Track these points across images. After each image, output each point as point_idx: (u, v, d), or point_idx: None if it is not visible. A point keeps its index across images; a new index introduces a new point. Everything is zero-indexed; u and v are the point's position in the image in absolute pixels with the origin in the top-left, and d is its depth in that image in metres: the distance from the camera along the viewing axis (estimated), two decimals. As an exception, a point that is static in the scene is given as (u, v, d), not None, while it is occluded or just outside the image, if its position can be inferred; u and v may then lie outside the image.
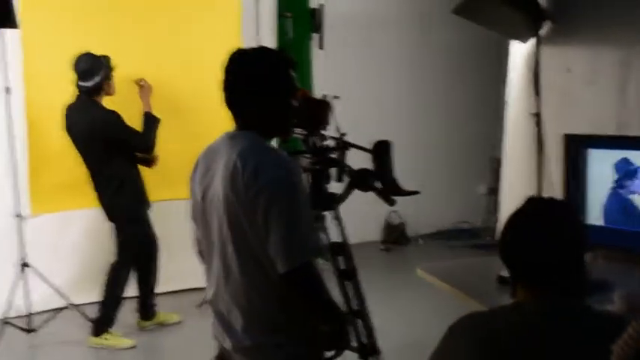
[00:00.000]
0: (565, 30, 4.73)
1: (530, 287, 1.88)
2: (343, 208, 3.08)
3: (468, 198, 7.61)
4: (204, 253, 2.46)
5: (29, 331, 4.99)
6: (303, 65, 6.38)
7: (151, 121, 4.74)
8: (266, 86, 2.31)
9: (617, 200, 3.28)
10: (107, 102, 4.71)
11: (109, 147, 4.63)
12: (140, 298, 5.07)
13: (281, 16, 6.10)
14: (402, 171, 6.50)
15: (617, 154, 3.32)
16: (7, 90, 4.84)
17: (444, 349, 1.89)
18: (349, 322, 2.73)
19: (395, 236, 7.36)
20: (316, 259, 2.25)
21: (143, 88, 4.82)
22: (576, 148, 3.44)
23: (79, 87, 4.63)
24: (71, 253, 5.48)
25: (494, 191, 7.01)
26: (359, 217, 4.69)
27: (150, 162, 4.88)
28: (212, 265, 2.39)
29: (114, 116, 4.62)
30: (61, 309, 5.12)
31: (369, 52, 7.14)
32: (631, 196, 3.26)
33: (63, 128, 4.66)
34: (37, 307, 5.12)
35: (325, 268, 2.76)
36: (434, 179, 7.26)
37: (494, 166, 6.58)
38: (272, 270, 2.19)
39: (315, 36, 5.87)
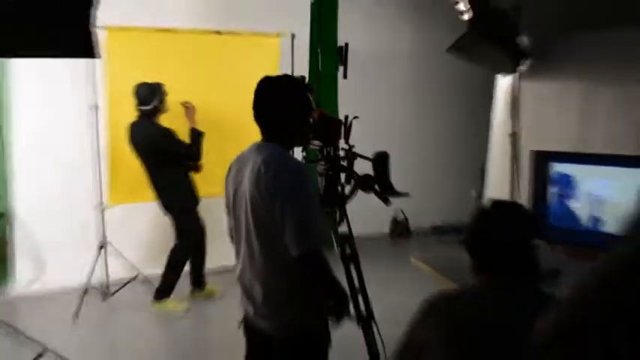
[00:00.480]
0: (539, 66, 4.73)
1: (485, 272, 1.88)
2: (360, 206, 3.10)
3: (460, 200, 7.56)
4: (234, 239, 2.49)
5: (107, 295, 5.13)
6: (330, 92, 6.39)
7: (196, 135, 4.79)
8: (287, 106, 2.35)
9: (559, 206, 3.28)
10: (163, 119, 4.81)
11: (164, 157, 4.71)
12: (193, 272, 5.12)
13: (313, 52, 6.14)
14: (409, 177, 6.52)
15: (574, 167, 3.30)
16: (96, 107, 4.98)
17: (419, 320, 1.89)
18: (350, 297, 2.73)
19: (400, 230, 7.36)
20: (323, 246, 2.27)
21: (188, 109, 4.86)
22: (542, 161, 3.42)
23: (140, 110, 4.71)
24: (140, 235, 5.60)
25: (481, 194, 6.98)
26: (371, 213, 4.70)
27: (197, 168, 4.92)
28: (240, 248, 2.43)
29: (169, 132, 4.69)
30: (132, 279, 5.25)
31: (383, 81, 7.18)
32: (570, 206, 3.27)
33: (128, 142, 4.77)
34: (112, 277, 5.23)
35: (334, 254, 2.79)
36: (433, 184, 7.28)
37: (481, 174, 6.55)
38: (287, 254, 2.21)
39: (340, 68, 5.86)
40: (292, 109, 2.36)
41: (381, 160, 2.82)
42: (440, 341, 1.76)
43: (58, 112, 5.41)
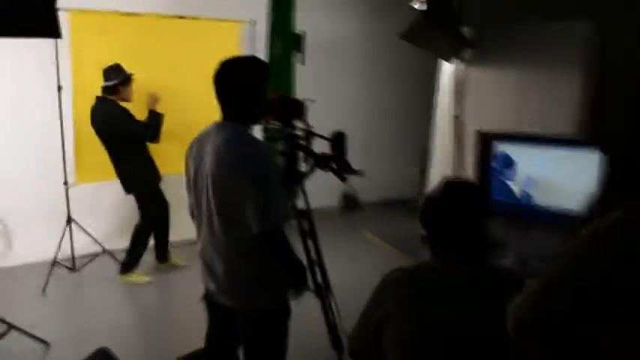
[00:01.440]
0: (480, 53, 4.67)
1: (440, 248, 1.77)
2: (313, 181, 2.96)
3: (404, 176, 7.55)
4: (195, 216, 2.31)
5: (73, 269, 4.85)
6: (288, 77, 6.22)
7: (153, 116, 4.54)
8: (247, 86, 2.16)
9: (498, 183, 3.23)
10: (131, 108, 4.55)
11: (121, 136, 4.44)
12: (157, 246, 4.91)
13: (271, 39, 5.95)
14: (358, 155, 6.40)
15: (516, 148, 3.23)
16: (60, 88, 4.64)
17: (377, 294, 1.78)
18: (308, 271, 2.59)
19: (350, 203, 7.25)
20: (283, 224, 2.11)
21: (152, 97, 4.60)
22: (486, 141, 3.33)
23: (102, 88, 4.44)
24: (106, 212, 5.34)
25: (423, 171, 6.95)
26: (323, 188, 4.57)
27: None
28: (201, 225, 2.26)
29: (122, 110, 4.43)
30: (97, 254, 4.98)
31: (336, 66, 7.02)
32: (507, 182, 3.22)
33: (83, 124, 4.53)
34: (79, 252, 4.96)
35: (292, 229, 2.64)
36: (380, 161, 7.19)
37: (424, 153, 6.49)
38: (247, 231, 2.06)
39: (298, 55, 5.71)
40: (254, 90, 2.18)
41: (338, 140, 2.68)
42: (398, 316, 1.65)
43: (26, 91, 5.06)
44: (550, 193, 3.09)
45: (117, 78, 4.40)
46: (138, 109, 4.55)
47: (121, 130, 4.41)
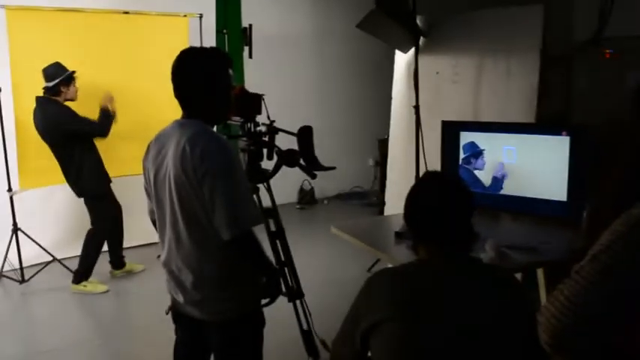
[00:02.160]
0: (435, 43, 4.59)
1: (428, 245, 1.64)
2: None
3: (360, 168, 7.47)
4: (157, 224, 2.10)
5: (22, 281, 4.54)
6: (237, 71, 6.02)
7: (104, 114, 4.25)
8: (209, 80, 1.96)
9: (466, 173, 3.15)
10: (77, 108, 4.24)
11: (65, 136, 4.13)
12: (111, 252, 4.62)
13: (219, 33, 5.74)
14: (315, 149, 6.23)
15: (481, 135, 3.14)
16: (-1, 89, 4.29)
17: (363, 298, 1.63)
18: (280, 275, 2.43)
19: (307, 198, 7.12)
20: (254, 227, 1.93)
21: (106, 94, 4.31)
22: (451, 131, 3.23)
23: (44, 89, 4.12)
24: (54, 219, 5.01)
25: (379, 164, 6.89)
26: (280, 183, 4.40)
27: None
28: (164, 232, 2.05)
29: (66, 110, 4.13)
30: (47, 263, 4.65)
31: (287, 60, 6.85)
32: (475, 171, 3.14)
33: (26, 126, 4.24)
34: (27, 262, 4.63)
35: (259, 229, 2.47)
36: (336, 154, 7.02)
37: (380, 145, 6.41)
38: (217, 237, 1.87)
39: (246, 48, 5.53)
40: (216, 83, 1.98)
41: (305, 135, 2.51)
42: (393, 320, 1.49)
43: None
44: (519, 181, 3.02)
45: (58, 77, 4.09)
46: (86, 109, 4.24)
47: (67, 130, 4.10)
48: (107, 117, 4.24)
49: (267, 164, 2.70)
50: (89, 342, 3.67)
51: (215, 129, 2.10)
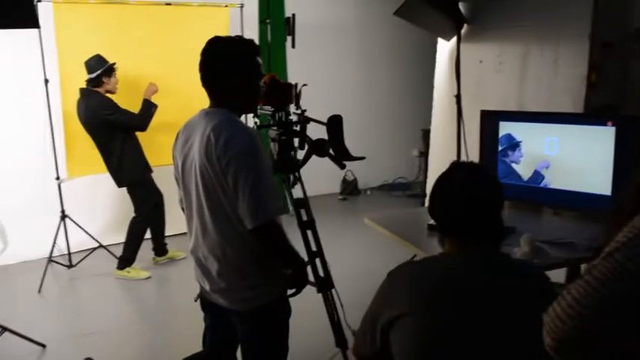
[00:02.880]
0: (479, 31, 4.45)
1: (454, 239, 1.57)
2: (311, 168, 2.78)
3: (404, 159, 7.37)
4: (185, 211, 2.11)
5: (69, 266, 4.69)
6: (279, 61, 6.04)
7: (146, 105, 4.32)
8: (236, 69, 1.95)
9: (503, 165, 3.03)
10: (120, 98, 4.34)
11: (106, 127, 4.21)
12: (154, 239, 4.71)
13: (262, 23, 5.76)
14: (356, 139, 6.22)
15: (522, 126, 3.03)
16: (46, 81, 4.41)
17: (384, 293, 1.58)
18: (308, 264, 2.40)
19: (350, 189, 7.08)
20: (278, 217, 1.91)
21: (150, 85, 4.39)
22: (490, 120, 3.13)
23: (87, 81, 4.22)
24: (101, 206, 5.14)
25: (423, 154, 6.77)
26: (323, 174, 4.39)
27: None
28: (192, 220, 2.06)
29: (107, 101, 4.21)
30: (93, 249, 4.79)
31: (330, 49, 6.80)
32: (512, 164, 3.03)
33: (72, 117, 4.32)
34: (75, 248, 4.78)
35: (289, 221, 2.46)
36: (379, 145, 7.03)
37: (424, 135, 6.30)
38: (241, 226, 1.87)
39: (288, 38, 5.51)
40: (242, 71, 1.96)
41: (334, 124, 2.46)
42: (412, 315, 1.45)
43: (13, 86, 4.83)
44: (562, 174, 2.89)
45: (99, 69, 4.18)
46: (129, 100, 4.33)
47: (108, 121, 4.18)
48: (149, 109, 4.31)
49: (299, 154, 2.69)
50: (129, 325, 3.77)
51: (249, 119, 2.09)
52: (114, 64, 4.26)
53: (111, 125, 4.21)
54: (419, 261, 1.62)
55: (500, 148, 3.08)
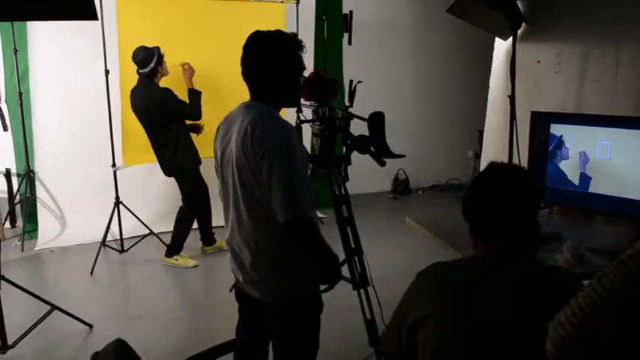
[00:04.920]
0: (537, 30, 4.31)
1: (487, 242, 1.54)
2: (362, 165, 2.77)
3: (459, 160, 7.23)
4: (223, 202, 2.15)
5: (121, 251, 4.85)
6: (335, 57, 6.05)
7: (194, 95, 4.39)
8: (275, 63, 1.97)
9: (553, 168, 2.92)
10: (164, 82, 4.43)
11: (165, 117, 4.31)
12: (201, 229, 4.81)
13: (318, 19, 5.77)
14: (410, 138, 6.16)
15: (574, 128, 2.92)
16: (107, 72, 4.57)
17: (411, 294, 1.57)
18: (344, 262, 2.40)
19: (401, 188, 7.00)
20: (311, 211, 1.92)
21: (186, 70, 4.46)
22: (541, 122, 3.03)
23: (139, 73, 4.32)
24: (153, 195, 5.30)
25: (478, 156, 6.62)
26: (374, 172, 4.36)
27: (197, 130, 4.56)
28: (228, 211, 2.09)
29: (167, 92, 4.30)
30: (144, 235, 4.94)
31: (386, 46, 6.74)
32: (562, 162, 2.91)
33: (129, 107, 4.41)
34: (127, 234, 4.94)
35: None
36: (433, 144, 6.96)
37: (480, 137, 6.16)
38: (275, 219, 1.88)
39: (345, 35, 5.50)
40: (280, 66, 1.98)
41: (376, 120, 2.44)
42: (437, 318, 1.43)
43: (76, 77, 5.06)
44: (614, 180, 2.77)
45: (152, 61, 4.27)
46: (181, 92, 4.44)
47: (170, 111, 4.29)
48: (197, 97, 4.39)
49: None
50: (173, 312, 3.87)
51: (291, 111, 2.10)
52: (159, 50, 4.33)
53: (171, 116, 4.31)
54: (449, 262, 1.59)
55: (553, 151, 2.97)
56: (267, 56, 1.97)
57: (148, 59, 4.26)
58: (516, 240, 1.51)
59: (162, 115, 4.30)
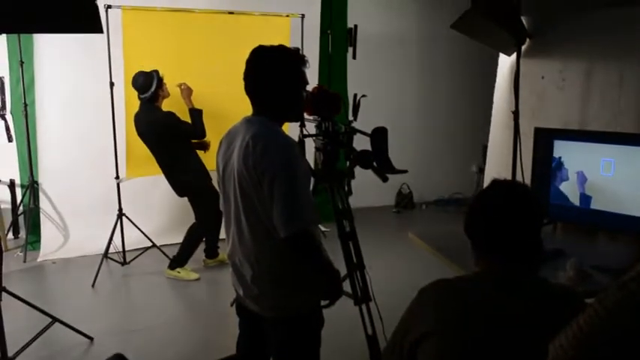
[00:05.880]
0: (541, 46, 4.31)
1: (489, 259, 1.53)
2: (365, 180, 2.77)
3: (462, 174, 7.22)
4: (224, 216, 2.15)
5: (123, 263, 4.85)
6: (339, 72, 6.07)
7: (195, 114, 4.42)
8: (276, 77, 1.98)
9: (560, 184, 2.91)
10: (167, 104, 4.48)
11: (170, 139, 4.34)
12: (207, 241, 4.81)
13: (323, 33, 5.80)
14: (414, 152, 6.15)
15: (577, 145, 2.91)
16: (112, 84, 4.59)
17: (413, 310, 1.56)
18: (346, 277, 2.39)
19: (404, 202, 6.99)
20: (312, 227, 1.92)
21: (183, 90, 4.48)
22: (544, 138, 3.03)
23: (140, 99, 4.36)
24: (156, 207, 5.30)
25: (482, 170, 6.60)
26: (378, 186, 4.35)
27: (204, 147, 4.57)
28: (230, 225, 2.09)
29: (170, 115, 4.33)
30: (147, 248, 4.94)
31: (391, 61, 6.76)
32: (563, 183, 2.90)
33: (136, 133, 4.44)
34: (129, 246, 4.93)
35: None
36: (437, 159, 6.95)
37: (484, 151, 6.15)
38: (276, 234, 1.88)
39: (350, 49, 5.53)
40: (283, 80, 1.99)
41: (378, 136, 2.45)
42: (438, 335, 1.43)
43: (81, 89, 5.09)
44: (618, 197, 2.75)
45: (152, 86, 4.30)
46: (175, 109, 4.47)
47: (171, 134, 4.32)
48: (199, 116, 4.41)
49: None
50: (174, 325, 3.86)
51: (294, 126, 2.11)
52: (158, 73, 4.36)
53: (175, 137, 4.35)
54: (450, 279, 1.58)
55: (556, 167, 2.97)
56: (269, 71, 1.98)
57: (148, 84, 4.30)
58: (519, 257, 1.51)
59: (167, 137, 4.33)
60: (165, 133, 4.32)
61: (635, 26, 3.68)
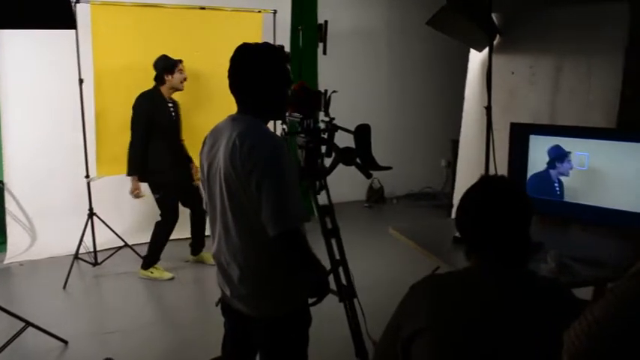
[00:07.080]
0: (512, 42, 4.41)
1: (480, 254, 1.55)
2: (337, 175, 2.78)
3: (432, 169, 7.32)
4: (209, 215, 2.12)
5: (95, 264, 4.75)
6: (310, 67, 6.05)
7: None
8: (263, 76, 1.95)
9: (534, 179, 2.97)
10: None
11: (133, 122, 4.26)
12: (192, 237, 4.79)
13: (294, 29, 5.77)
14: (384, 146, 6.17)
15: (551, 140, 2.97)
16: (81, 81, 4.47)
17: (405, 306, 1.57)
18: (330, 273, 2.39)
19: (376, 197, 7.04)
20: (300, 224, 1.91)
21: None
22: (520, 133, 3.08)
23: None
24: (127, 206, 5.15)
25: (451, 165, 6.71)
26: (349, 181, 4.38)
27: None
28: (215, 224, 2.06)
29: (138, 99, 4.25)
30: (119, 248, 4.85)
31: (361, 56, 6.79)
32: (560, 177, 2.95)
33: (103, 116, 4.47)
34: (101, 246, 4.84)
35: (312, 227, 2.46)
36: (407, 154, 6.97)
37: (453, 146, 6.24)
38: (263, 233, 1.85)
39: (320, 45, 5.52)
40: (269, 79, 1.97)
41: (362, 133, 2.45)
42: (431, 330, 1.43)
43: (48, 86, 4.94)
44: (590, 189, 2.83)
45: (159, 67, 4.27)
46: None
47: (133, 119, 4.25)
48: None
49: (327, 161, 2.68)
50: (150, 326, 3.80)
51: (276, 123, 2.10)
52: (179, 61, 4.30)
53: (135, 126, 4.27)
54: (442, 275, 1.60)
55: (547, 160, 3.01)
56: (256, 69, 1.95)
57: (159, 66, 4.26)
58: (509, 251, 1.53)
59: (132, 120, 4.26)
60: (132, 116, 4.25)
61: (603, 22, 3.78)
